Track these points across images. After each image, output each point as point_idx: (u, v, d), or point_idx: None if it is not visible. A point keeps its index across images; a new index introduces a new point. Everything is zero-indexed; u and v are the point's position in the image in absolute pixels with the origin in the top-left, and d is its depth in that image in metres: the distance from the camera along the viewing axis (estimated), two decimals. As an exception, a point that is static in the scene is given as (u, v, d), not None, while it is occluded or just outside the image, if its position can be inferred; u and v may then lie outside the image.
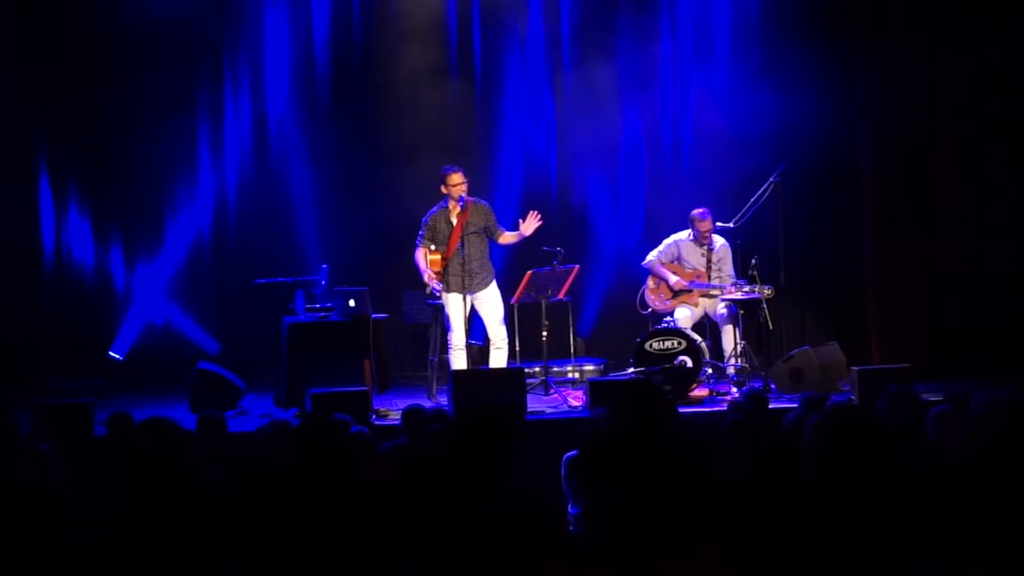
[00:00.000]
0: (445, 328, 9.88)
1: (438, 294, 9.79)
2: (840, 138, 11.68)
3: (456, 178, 9.68)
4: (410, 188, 11.49)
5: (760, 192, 10.32)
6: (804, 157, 11.26)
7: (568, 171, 12.35)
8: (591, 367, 11.13)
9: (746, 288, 9.95)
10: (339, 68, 12.08)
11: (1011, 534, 3.67)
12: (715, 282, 10.34)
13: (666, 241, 10.63)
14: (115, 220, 11.81)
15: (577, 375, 10.97)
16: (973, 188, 11.34)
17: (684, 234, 10.58)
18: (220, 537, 3.62)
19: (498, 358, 9.81)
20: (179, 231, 11.88)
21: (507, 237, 9.88)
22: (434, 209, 9.86)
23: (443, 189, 9.75)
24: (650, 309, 10.53)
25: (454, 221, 9.71)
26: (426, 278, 9.71)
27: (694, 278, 10.41)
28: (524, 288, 9.98)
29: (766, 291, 9.86)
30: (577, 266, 10.33)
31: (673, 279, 10.44)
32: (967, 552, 3.62)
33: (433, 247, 9.77)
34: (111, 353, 11.48)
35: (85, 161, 11.73)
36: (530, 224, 9.74)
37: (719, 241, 10.50)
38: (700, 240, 10.46)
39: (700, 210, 10.46)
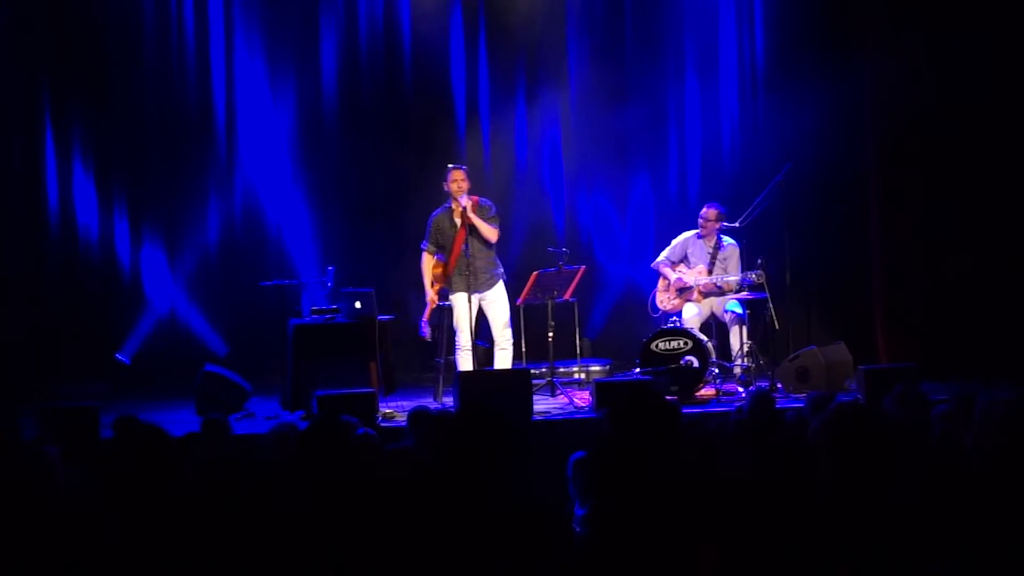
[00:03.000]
0: (451, 330, 9.89)
1: (426, 336, 9.89)
2: (845, 138, 11.69)
3: (458, 175, 9.71)
4: (415, 190, 11.49)
5: (766, 192, 10.32)
6: (809, 157, 11.26)
7: (575, 171, 12.35)
8: (597, 368, 11.13)
9: (747, 276, 9.95)
10: (347, 84, 12.10)
11: (1017, 535, 3.66)
12: (717, 276, 10.32)
13: (675, 241, 10.64)
14: (124, 224, 11.82)
15: (583, 376, 10.98)
16: (978, 187, 11.32)
17: (692, 232, 10.58)
18: (224, 539, 3.62)
19: (503, 359, 9.80)
20: (186, 236, 11.88)
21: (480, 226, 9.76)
22: (438, 210, 9.88)
23: (445, 187, 9.77)
24: (660, 311, 10.51)
25: (458, 221, 9.72)
26: (428, 299, 9.78)
27: (696, 275, 10.40)
28: (530, 289, 9.97)
29: (753, 276, 9.87)
30: (583, 267, 10.32)
31: (673, 277, 10.44)
32: (974, 552, 3.61)
33: (437, 252, 9.78)
34: (118, 356, 11.49)
35: (93, 156, 11.75)
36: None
37: (728, 241, 10.50)
38: (705, 234, 10.45)
39: (706, 204, 10.50)
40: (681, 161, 12.26)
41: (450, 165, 9.87)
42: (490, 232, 9.73)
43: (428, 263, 9.84)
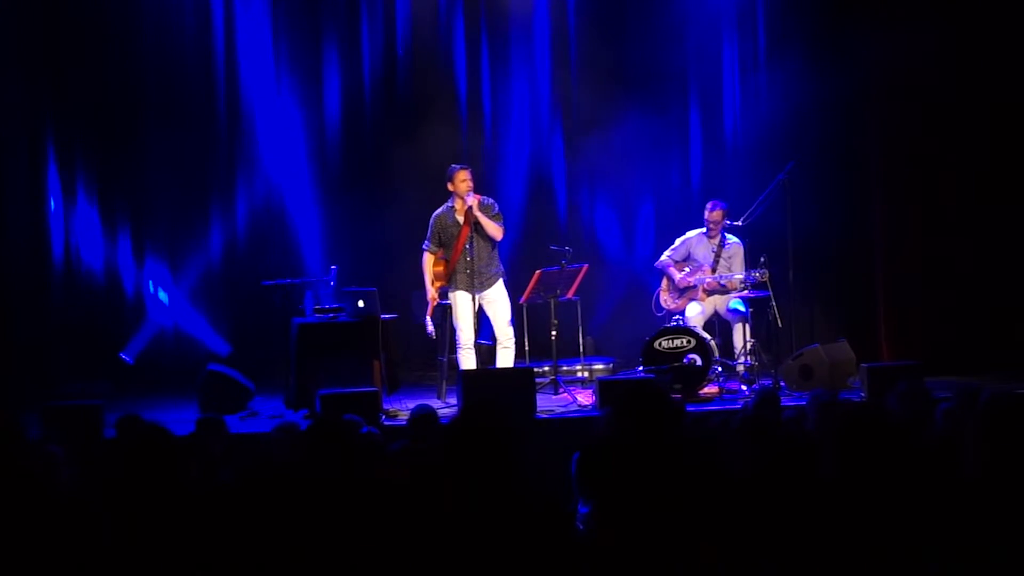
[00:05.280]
0: (453, 328, 9.89)
1: (431, 334, 9.89)
2: (848, 135, 11.68)
3: (463, 175, 9.69)
4: (418, 188, 11.49)
5: (768, 190, 10.31)
6: (812, 154, 11.25)
7: (576, 170, 12.34)
8: (600, 366, 11.13)
9: (751, 274, 9.96)
10: (349, 85, 12.09)
11: (1019, 531, 3.66)
12: (721, 274, 10.31)
13: (679, 239, 10.63)
14: (125, 222, 11.79)
15: (586, 374, 10.97)
16: (981, 184, 11.31)
17: (697, 231, 10.57)
18: (226, 539, 3.62)
19: (505, 357, 9.79)
20: (189, 233, 11.88)
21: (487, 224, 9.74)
22: (440, 209, 9.87)
23: (450, 187, 9.75)
24: (665, 311, 10.50)
25: (460, 219, 9.71)
26: (428, 297, 9.78)
27: (699, 274, 10.39)
28: (533, 288, 9.98)
29: (756, 274, 9.88)
30: (586, 265, 10.32)
31: (678, 276, 10.44)
32: (977, 548, 3.61)
33: (439, 251, 9.78)
34: (121, 356, 11.48)
35: (96, 162, 11.72)
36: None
37: (732, 239, 10.49)
38: (710, 233, 10.44)
39: (711, 202, 10.47)
40: (683, 157, 12.25)
41: (455, 165, 9.86)
42: (496, 230, 9.71)
43: (429, 262, 9.84)
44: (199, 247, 11.89)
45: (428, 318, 9.92)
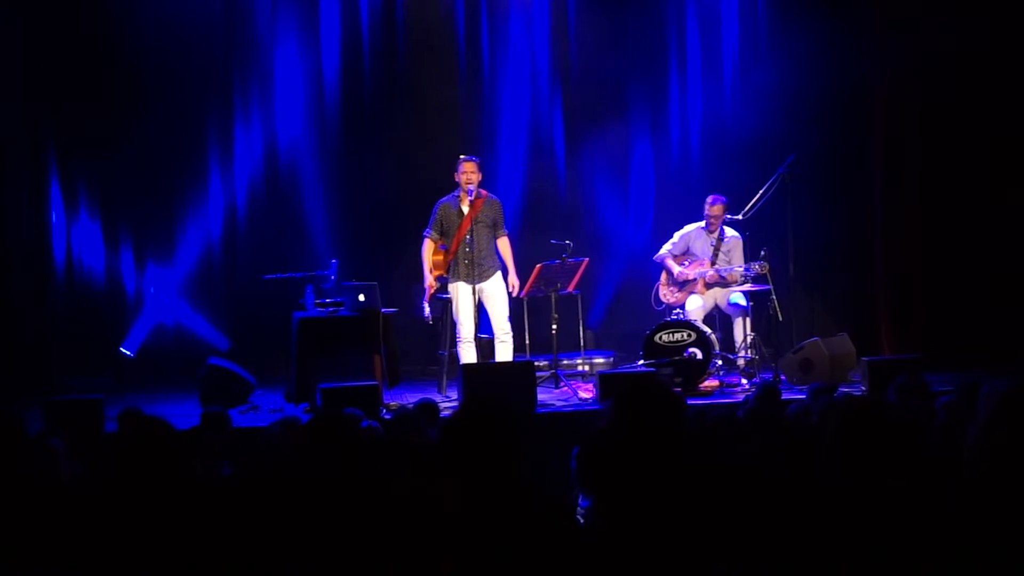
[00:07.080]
0: (454, 322, 9.89)
1: (428, 318, 9.88)
2: (849, 129, 11.68)
3: (469, 166, 9.68)
4: (418, 182, 11.49)
5: (769, 184, 10.32)
6: (813, 148, 11.25)
7: (576, 164, 12.34)
8: (601, 360, 11.13)
9: (750, 267, 9.97)
10: (348, 70, 12.07)
11: (1019, 526, 3.66)
12: (721, 267, 10.32)
13: (678, 233, 10.63)
14: (125, 218, 11.76)
15: (587, 368, 10.98)
16: (983, 179, 11.31)
17: (696, 225, 10.57)
18: (226, 534, 3.63)
19: (503, 351, 9.79)
20: (189, 227, 11.87)
21: (504, 245, 9.85)
22: (445, 198, 9.86)
23: (456, 177, 9.75)
24: (664, 305, 10.51)
25: (464, 210, 9.70)
26: (427, 284, 9.78)
27: (699, 268, 10.40)
28: (533, 281, 9.98)
29: (756, 267, 9.89)
30: (587, 259, 10.32)
31: (676, 270, 10.44)
32: (977, 544, 3.61)
33: (440, 239, 9.78)
34: (122, 349, 11.49)
35: (95, 162, 11.69)
36: (514, 287, 9.81)
37: (731, 233, 10.49)
38: (710, 227, 10.45)
39: (711, 197, 10.46)
40: (684, 152, 12.26)
41: (461, 156, 9.84)
42: (507, 253, 9.83)
43: (429, 249, 9.83)
44: (199, 242, 11.88)
45: (425, 303, 9.89)
